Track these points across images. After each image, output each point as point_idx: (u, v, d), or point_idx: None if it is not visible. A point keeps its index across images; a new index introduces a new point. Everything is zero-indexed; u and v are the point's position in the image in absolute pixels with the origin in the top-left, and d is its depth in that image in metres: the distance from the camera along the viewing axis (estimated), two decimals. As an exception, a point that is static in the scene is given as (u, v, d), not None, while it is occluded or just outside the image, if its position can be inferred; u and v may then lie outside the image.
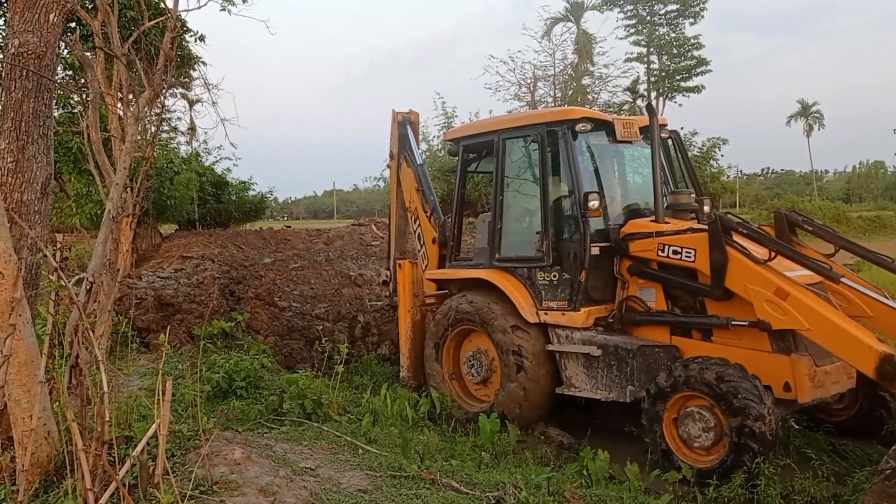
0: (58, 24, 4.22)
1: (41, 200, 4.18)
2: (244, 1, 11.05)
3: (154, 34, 9.09)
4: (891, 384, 4.98)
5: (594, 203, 6.41)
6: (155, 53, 7.45)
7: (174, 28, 6.45)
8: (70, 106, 12.91)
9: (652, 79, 47.50)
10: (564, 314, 6.73)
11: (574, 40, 42.43)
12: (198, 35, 13.28)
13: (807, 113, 71.84)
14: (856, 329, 5.22)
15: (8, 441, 4.05)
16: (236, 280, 11.31)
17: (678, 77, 46.96)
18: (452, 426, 6.89)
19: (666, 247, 6.33)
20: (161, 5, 10.27)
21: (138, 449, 3.69)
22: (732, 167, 59.33)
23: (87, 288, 4.35)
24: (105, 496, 3.43)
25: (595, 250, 6.57)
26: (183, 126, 21.17)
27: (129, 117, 6.99)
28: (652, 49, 47.34)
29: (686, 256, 6.19)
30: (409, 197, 8.85)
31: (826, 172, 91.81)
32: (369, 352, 9.37)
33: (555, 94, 41.53)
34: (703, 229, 6.17)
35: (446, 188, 25.84)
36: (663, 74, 47.13)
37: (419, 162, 8.80)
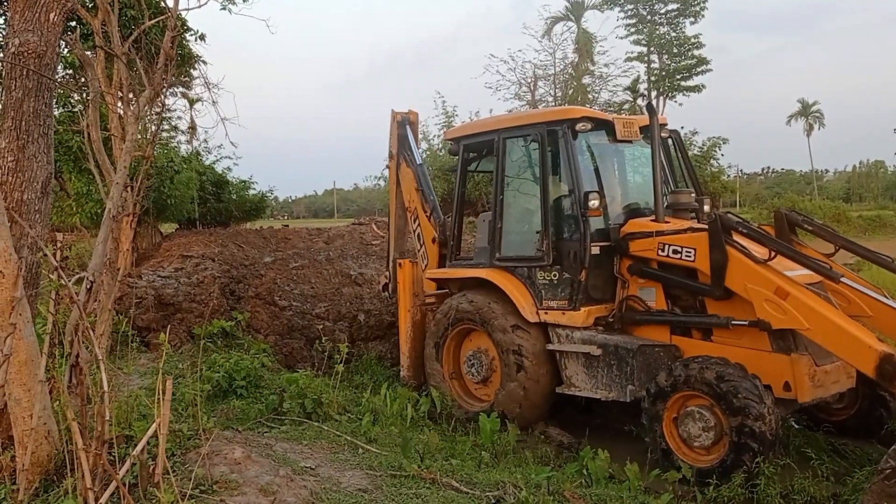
0: (58, 24, 4.22)
1: (41, 199, 4.18)
2: (244, 0, 11.05)
3: (154, 33, 9.09)
4: (891, 384, 4.99)
5: (594, 202, 6.42)
6: (155, 52, 7.45)
7: (174, 27, 6.45)
8: (70, 105, 12.91)
9: (652, 78, 47.49)
10: (564, 314, 6.73)
11: (574, 39, 42.47)
12: (198, 34, 13.30)
13: (807, 112, 71.84)
14: (856, 329, 5.22)
15: (8, 440, 4.06)
16: (236, 279, 11.31)
17: (678, 76, 46.95)
18: (452, 425, 6.90)
19: (666, 246, 6.33)
20: (161, 4, 10.27)
21: (138, 448, 3.69)
22: (732, 166, 59.25)
23: (88, 287, 4.35)
24: (105, 495, 3.43)
25: (595, 250, 6.57)
26: (183, 125, 21.17)
27: (130, 116, 6.99)
28: (652, 48, 47.32)
29: (686, 256, 6.20)
30: (409, 197, 8.84)
31: (826, 172, 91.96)
32: (369, 351, 9.37)
33: (555, 94, 41.56)
34: (704, 229, 6.17)
35: (446, 187, 25.85)
36: (663, 74, 47.12)
37: (419, 161, 8.79)
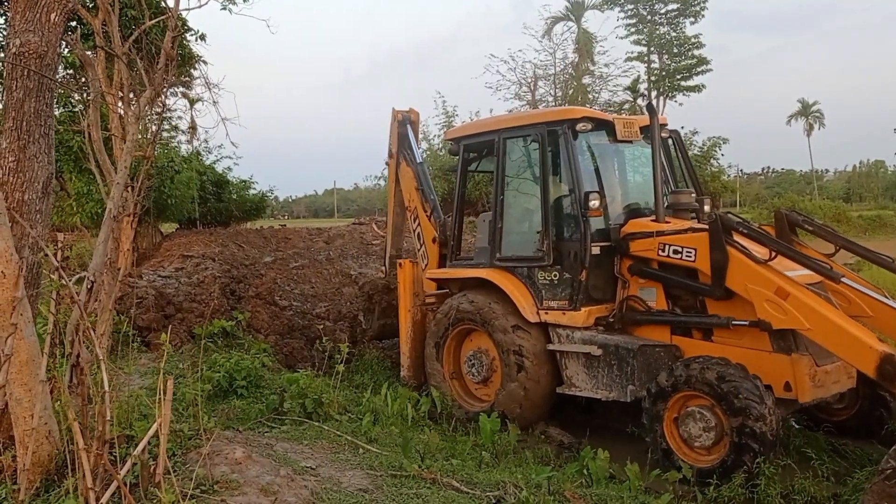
0: (59, 24, 4.22)
1: (42, 199, 4.18)
2: (245, 0, 11.05)
3: (155, 33, 9.09)
4: (891, 384, 4.99)
5: (594, 202, 6.42)
6: (156, 52, 7.45)
7: (175, 27, 6.46)
8: (71, 105, 12.92)
9: (652, 78, 47.50)
10: (565, 314, 6.73)
11: (575, 39, 42.50)
12: (199, 34, 13.30)
13: (807, 112, 71.84)
14: (856, 329, 5.22)
15: (9, 440, 4.06)
16: (237, 279, 11.32)
17: (678, 76, 46.97)
18: (453, 425, 6.89)
19: (666, 246, 6.33)
20: (162, 4, 10.27)
21: (139, 448, 3.69)
22: (733, 166, 59.28)
23: (88, 287, 4.35)
24: (106, 495, 3.43)
25: (595, 250, 6.57)
26: (184, 125, 21.17)
27: (130, 116, 6.99)
28: (652, 48, 47.34)
29: (686, 256, 6.19)
30: (409, 196, 8.83)
31: (826, 172, 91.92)
32: (370, 350, 9.38)
33: (555, 94, 41.61)
34: (704, 229, 6.17)
35: (447, 187, 25.86)
36: (664, 74, 47.13)
37: (419, 161, 8.78)
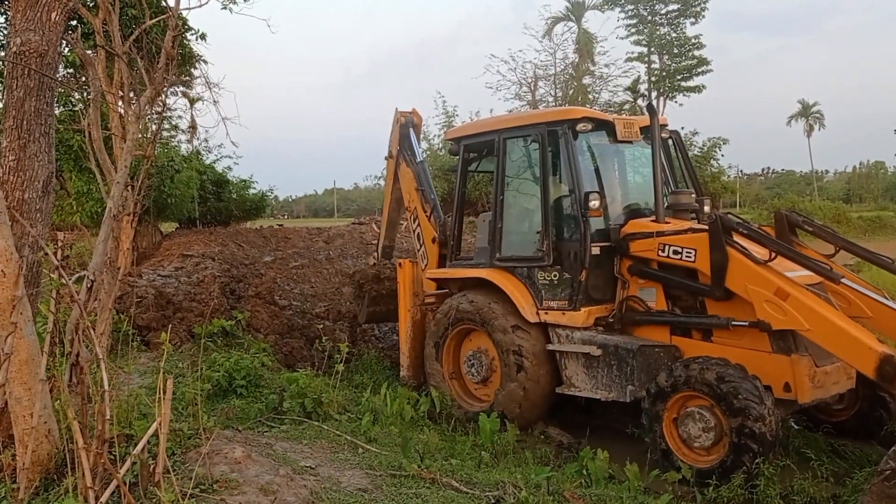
0: (59, 23, 4.23)
1: (42, 199, 4.19)
2: (245, 0, 11.03)
3: (155, 32, 9.09)
4: (890, 385, 4.99)
5: (595, 203, 6.42)
6: (156, 52, 7.46)
7: (175, 26, 6.46)
8: (71, 104, 12.90)
9: (653, 78, 47.52)
10: (565, 314, 6.73)
11: (575, 40, 42.51)
12: (199, 33, 13.26)
13: (807, 113, 71.85)
14: (856, 330, 5.23)
15: (9, 439, 4.06)
16: (237, 278, 11.31)
17: (679, 77, 46.99)
18: (452, 425, 6.90)
19: (666, 247, 6.33)
20: (162, 4, 10.26)
21: (139, 447, 3.69)
22: (733, 167, 59.40)
23: (88, 286, 4.35)
24: (106, 494, 3.43)
25: (595, 250, 6.58)
26: (184, 124, 21.12)
27: (131, 115, 7.00)
28: (653, 49, 47.35)
29: (686, 256, 6.20)
30: (409, 196, 8.82)
31: (826, 173, 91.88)
32: (369, 350, 9.38)
33: (555, 94, 41.63)
34: (704, 229, 6.18)
35: (447, 187, 25.86)
36: (664, 74, 47.15)
37: (419, 160, 8.77)
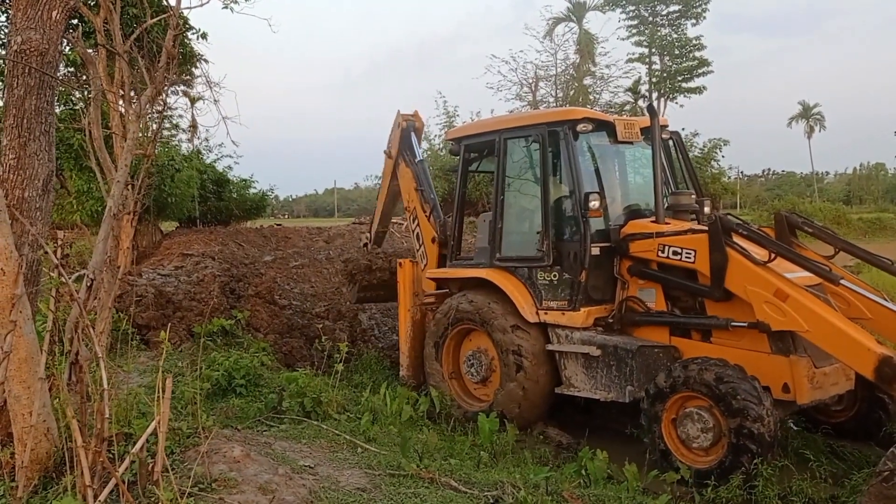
0: (60, 22, 4.23)
1: (42, 197, 4.19)
2: (246, -1, 11.02)
3: (156, 32, 9.10)
4: (889, 386, 4.99)
5: (595, 203, 6.42)
6: (157, 51, 7.47)
7: (176, 26, 6.46)
8: (72, 103, 12.89)
9: (653, 79, 47.55)
10: (564, 314, 6.74)
11: (576, 40, 42.51)
12: (200, 33, 13.27)
13: (808, 114, 71.83)
14: (855, 331, 5.23)
15: (7, 437, 4.07)
16: (237, 278, 11.30)
17: (679, 78, 47.03)
18: (451, 425, 6.90)
19: (666, 247, 6.33)
20: (163, 3, 10.27)
21: (138, 446, 3.69)
22: (733, 168, 59.33)
23: (88, 285, 4.36)
24: (104, 493, 3.43)
25: (595, 250, 6.58)
26: (184, 123, 21.16)
27: (131, 114, 7.00)
28: (654, 50, 47.39)
29: (686, 257, 6.20)
30: (408, 196, 8.82)
31: (827, 174, 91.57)
32: (369, 350, 9.38)
33: (556, 94, 41.60)
34: (704, 230, 6.18)
35: (447, 187, 25.87)
36: (665, 75, 47.18)
37: (419, 159, 8.77)
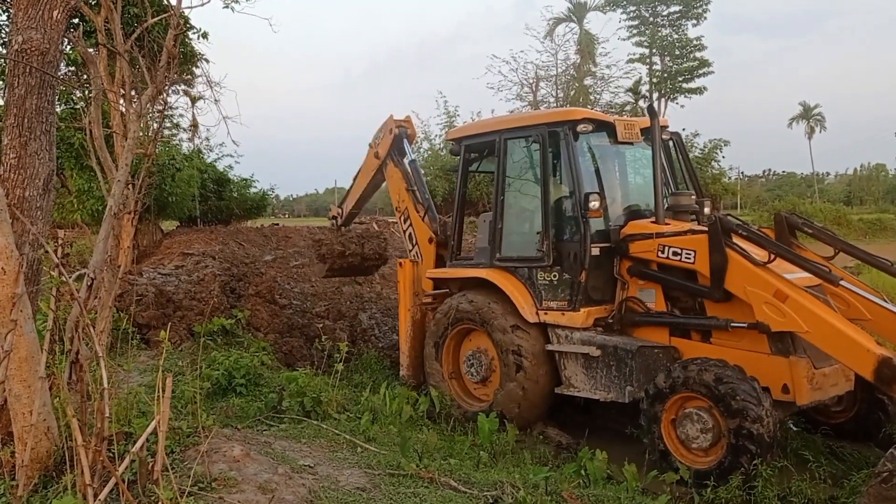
0: (61, 21, 4.24)
1: (43, 196, 4.20)
2: (247, -1, 11.01)
3: (157, 31, 9.11)
4: (889, 387, 4.99)
5: (595, 204, 6.43)
6: (158, 50, 7.47)
7: (177, 25, 6.47)
8: (72, 102, 12.89)
9: (654, 80, 47.54)
10: (564, 314, 6.74)
11: (577, 41, 42.53)
12: (201, 32, 13.26)
13: (808, 115, 71.80)
14: (854, 332, 5.23)
15: (8, 436, 4.07)
16: (237, 277, 11.30)
17: (680, 78, 47.03)
18: (451, 425, 6.91)
19: (666, 248, 6.34)
20: (164, 2, 10.28)
21: (138, 445, 3.70)
22: (734, 169, 59.27)
23: (88, 284, 4.36)
24: (104, 492, 3.44)
25: (595, 251, 6.58)
26: (185, 123, 21.09)
27: (132, 114, 7.00)
28: (654, 50, 47.38)
29: (686, 258, 6.20)
30: (398, 196, 8.78)
31: (827, 175, 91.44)
32: (369, 350, 9.39)
33: (557, 95, 41.66)
34: (703, 231, 6.18)
35: (447, 187, 25.91)
36: (665, 76, 47.17)
37: (411, 158, 8.76)
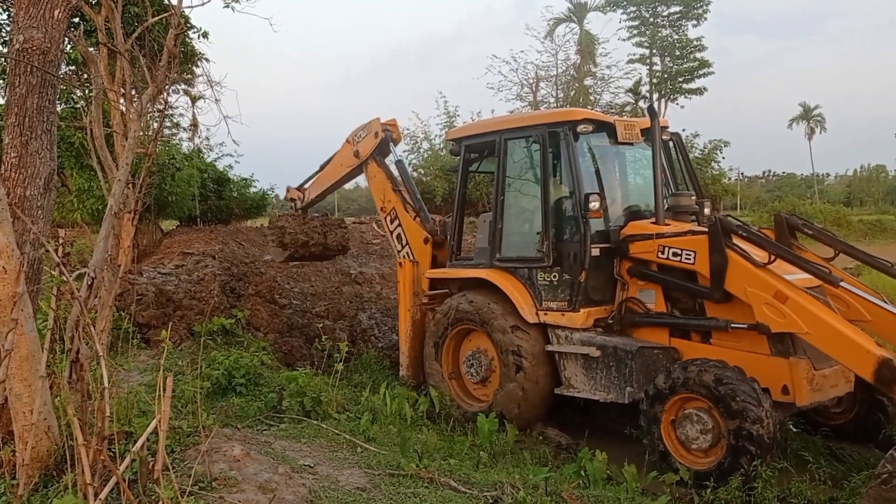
0: (62, 20, 4.24)
1: (44, 196, 4.20)
2: (248, -2, 11.01)
3: (157, 30, 9.11)
4: (889, 388, 5.00)
5: (595, 204, 6.42)
6: (158, 50, 7.46)
7: (178, 24, 6.47)
8: (73, 101, 12.89)
9: (654, 80, 47.54)
10: (564, 315, 6.74)
11: (577, 41, 42.53)
12: (201, 32, 13.25)
13: (808, 116, 71.75)
14: (854, 333, 5.23)
15: (8, 435, 4.07)
16: (237, 277, 11.30)
17: (680, 79, 47.03)
18: (451, 425, 6.90)
19: (666, 249, 6.34)
20: (165, 2, 10.27)
21: (138, 444, 3.70)
22: (734, 169, 59.16)
23: (89, 283, 4.37)
24: (105, 491, 3.44)
25: (595, 251, 6.58)
26: (185, 122, 21.08)
27: (132, 113, 7.01)
28: (654, 51, 47.38)
29: (686, 259, 6.21)
30: (383, 196, 8.76)
31: (827, 176, 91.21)
32: (369, 350, 9.39)
33: (557, 95, 41.67)
34: (704, 232, 6.18)
35: (447, 187, 25.91)
36: (665, 76, 47.18)
37: (397, 159, 8.77)
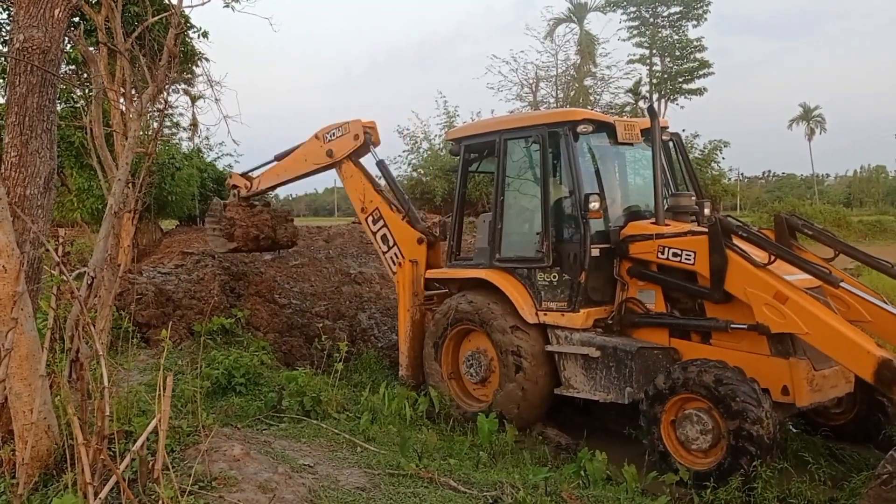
0: (62, 20, 4.24)
1: (44, 195, 4.20)
2: (248, -2, 11.01)
3: (158, 30, 9.11)
4: (889, 389, 5.00)
5: (595, 204, 6.43)
6: (158, 49, 7.45)
7: (178, 24, 6.47)
8: (73, 101, 12.89)
9: (654, 81, 47.55)
10: (564, 315, 6.74)
11: (577, 41, 42.52)
12: (201, 31, 13.25)
13: (808, 116, 71.80)
14: (854, 334, 5.24)
15: (8, 434, 4.07)
16: (236, 276, 11.30)
17: (680, 79, 47.04)
18: (451, 425, 6.91)
19: (666, 249, 6.34)
20: (165, 1, 10.27)
21: (138, 444, 3.70)
22: (734, 170, 59.29)
23: (89, 283, 4.37)
24: (105, 490, 3.44)
25: (595, 251, 6.58)
26: (185, 122, 21.08)
27: (132, 113, 7.01)
28: (654, 51, 47.39)
29: (686, 259, 6.21)
30: (363, 196, 8.72)
31: (827, 176, 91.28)
32: (368, 350, 9.39)
33: (557, 95, 41.64)
34: (703, 232, 6.19)
35: (447, 187, 25.92)
36: (665, 76, 47.19)
37: (378, 160, 8.75)
